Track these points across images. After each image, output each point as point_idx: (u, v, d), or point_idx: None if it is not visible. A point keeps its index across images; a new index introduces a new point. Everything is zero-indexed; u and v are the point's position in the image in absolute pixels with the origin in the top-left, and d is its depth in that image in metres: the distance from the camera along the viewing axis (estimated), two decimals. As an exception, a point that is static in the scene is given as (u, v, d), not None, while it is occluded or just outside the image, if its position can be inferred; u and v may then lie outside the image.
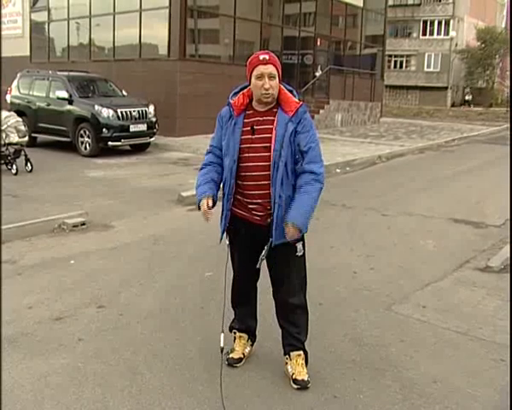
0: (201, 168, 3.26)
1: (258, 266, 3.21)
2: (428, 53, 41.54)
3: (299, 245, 3.18)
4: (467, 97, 39.89)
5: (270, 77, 2.98)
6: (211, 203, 3.07)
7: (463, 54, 40.16)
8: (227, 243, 3.27)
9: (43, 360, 3.46)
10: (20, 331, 3.85)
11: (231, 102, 3.13)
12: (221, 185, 3.21)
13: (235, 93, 3.17)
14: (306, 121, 3.07)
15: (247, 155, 3.07)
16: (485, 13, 43.05)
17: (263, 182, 3.05)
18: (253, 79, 3.03)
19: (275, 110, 3.07)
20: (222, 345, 3.19)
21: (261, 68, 2.98)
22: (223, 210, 3.19)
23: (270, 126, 3.03)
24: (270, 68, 2.98)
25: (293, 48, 19.38)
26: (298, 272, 3.23)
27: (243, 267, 3.32)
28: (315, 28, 20.07)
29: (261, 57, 3.00)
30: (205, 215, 3.08)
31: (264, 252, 3.12)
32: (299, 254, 3.20)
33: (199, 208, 3.12)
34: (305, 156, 3.03)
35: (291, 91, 3.13)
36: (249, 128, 3.07)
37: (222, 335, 3.19)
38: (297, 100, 3.10)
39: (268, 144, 3.02)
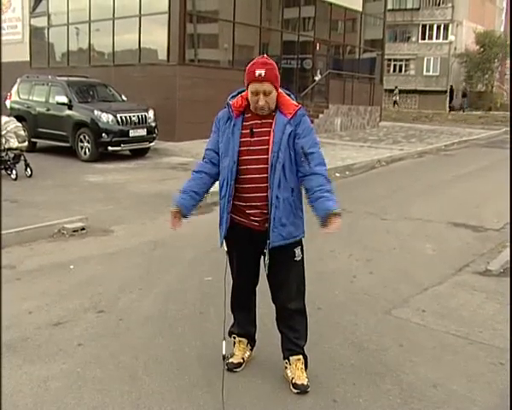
0: (192, 172, 3.25)
1: (266, 273, 3.20)
2: (427, 57, 41.66)
3: (298, 250, 3.18)
4: (394, 98, 38.71)
5: (266, 93, 2.97)
6: (177, 218, 3.12)
7: (462, 58, 40.25)
8: (225, 249, 3.25)
9: (43, 366, 3.46)
10: (20, 337, 3.84)
11: (231, 103, 3.12)
12: (219, 187, 3.18)
13: (233, 96, 3.17)
14: (306, 124, 3.07)
15: (245, 157, 3.06)
16: (484, 17, 43.17)
17: (261, 184, 3.05)
18: (248, 92, 3.03)
19: (273, 113, 3.06)
20: (224, 353, 3.19)
21: (256, 85, 2.96)
22: (222, 213, 3.17)
23: (269, 129, 3.04)
24: (265, 86, 2.95)
25: (293, 52, 19.42)
26: (296, 277, 3.22)
27: (242, 273, 3.31)
28: (314, 33, 20.14)
29: (257, 73, 2.94)
30: (171, 225, 3.15)
31: (266, 257, 3.11)
32: (298, 258, 3.19)
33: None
34: (312, 159, 3.01)
35: (289, 95, 3.14)
36: (248, 131, 3.06)
37: (224, 342, 3.19)
38: (295, 103, 3.11)
39: (266, 146, 3.02)
